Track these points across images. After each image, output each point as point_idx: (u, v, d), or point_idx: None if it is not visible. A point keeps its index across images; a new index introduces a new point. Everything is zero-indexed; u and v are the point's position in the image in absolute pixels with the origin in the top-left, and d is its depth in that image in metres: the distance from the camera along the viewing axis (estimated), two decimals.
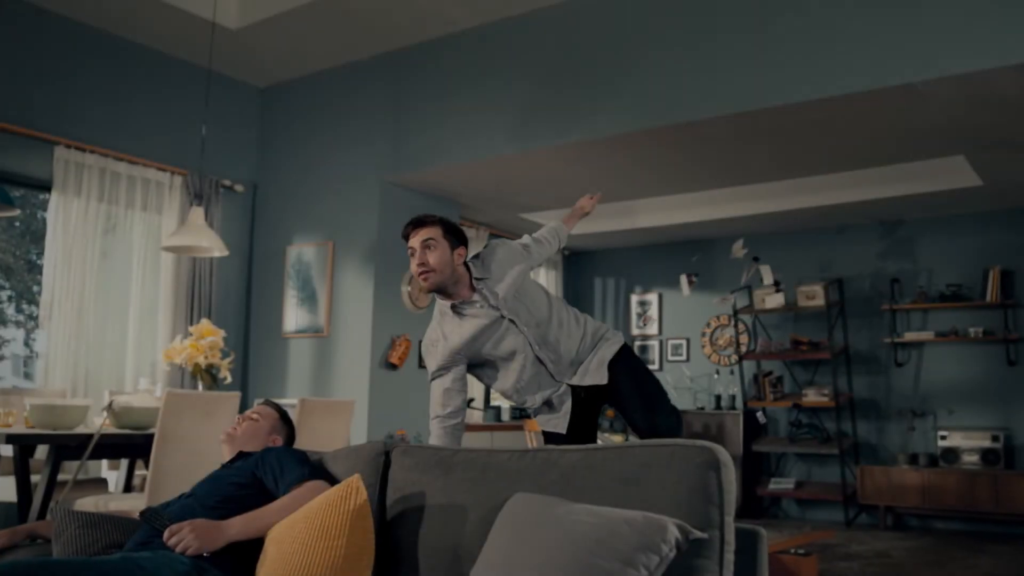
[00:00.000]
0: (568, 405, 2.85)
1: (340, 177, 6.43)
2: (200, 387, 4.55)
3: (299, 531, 1.89)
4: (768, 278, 7.14)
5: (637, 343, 8.57)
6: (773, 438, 7.51)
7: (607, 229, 7.90)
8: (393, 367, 6.18)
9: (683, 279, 7.47)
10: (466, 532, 1.88)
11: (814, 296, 7.09)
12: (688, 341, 8.32)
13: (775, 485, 7.27)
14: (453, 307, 2.71)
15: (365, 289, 6.16)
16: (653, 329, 8.53)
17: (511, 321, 2.72)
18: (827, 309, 7.10)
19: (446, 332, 2.71)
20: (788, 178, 6.38)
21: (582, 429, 2.90)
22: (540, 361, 2.78)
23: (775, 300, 7.28)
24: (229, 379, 4.88)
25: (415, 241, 2.68)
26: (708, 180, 6.45)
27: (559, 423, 2.85)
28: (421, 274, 2.65)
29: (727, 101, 4.79)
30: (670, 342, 8.42)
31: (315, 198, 6.52)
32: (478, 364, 2.80)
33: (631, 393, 2.84)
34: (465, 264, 2.73)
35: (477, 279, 2.72)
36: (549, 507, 1.68)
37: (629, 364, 2.91)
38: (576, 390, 2.86)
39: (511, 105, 5.60)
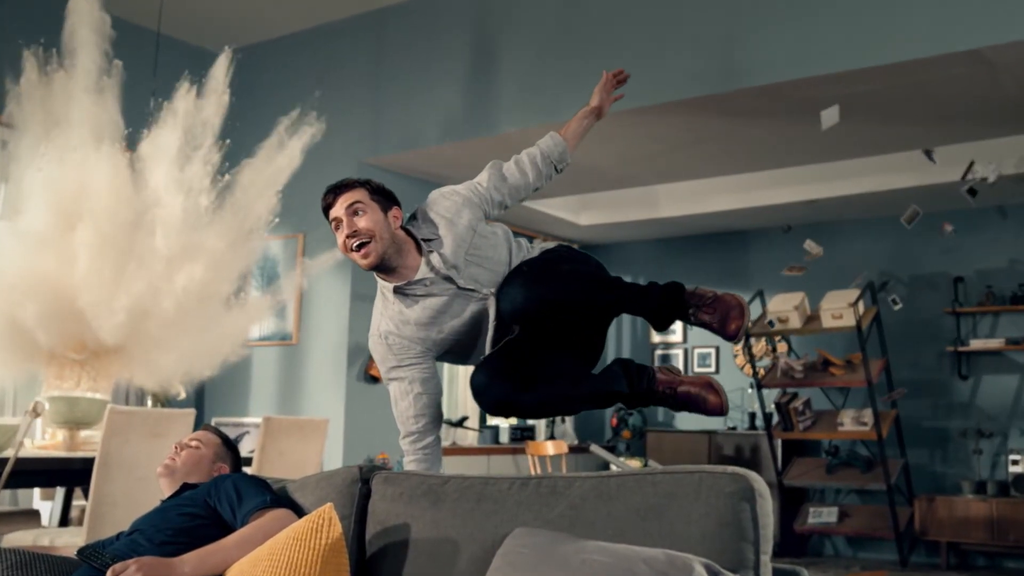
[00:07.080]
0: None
1: (311, 159, 6.40)
2: (149, 403, 4.55)
3: (263, 569, 1.89)
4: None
5: (658, 351, 8.57)
6: (808, 463, 7.45)
7: (624, 219, 7.89)
8: (374, 380, 6.18)
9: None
10: (459, 573, 1.88)
11: (840, 316, 6.77)
12: (717, 350, 8.31)
13: (815, 519, 7.19)
14: (397, 290, 2.57)
15: (341, 290, 6.15)
16: (677, 336, 8.53)
17: (471, 290, 2.60)
18: (858, 330, 6.74)
19: (395, 320, 2.58)
20: (833, 160, 6.38)
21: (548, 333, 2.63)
22: None
23: (795, 321, 7.03)
24: (183, 395, 4.88)
25: (338, 209, 2.55)
26: (740, 163, 6.44)
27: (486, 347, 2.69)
28: (358, 247, 2.51)
29: (763, 71, 4.78)
30: (696, 351, 8.42)
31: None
32: (444, 352, 2.68)
33: (525, 269, 2.65)
34: (406, 230, 2.61)
35: (426, 240, 2.59)
36: (555, 544, 1.68)
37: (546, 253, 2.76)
38: None
39: (512, 74, 5.60)
